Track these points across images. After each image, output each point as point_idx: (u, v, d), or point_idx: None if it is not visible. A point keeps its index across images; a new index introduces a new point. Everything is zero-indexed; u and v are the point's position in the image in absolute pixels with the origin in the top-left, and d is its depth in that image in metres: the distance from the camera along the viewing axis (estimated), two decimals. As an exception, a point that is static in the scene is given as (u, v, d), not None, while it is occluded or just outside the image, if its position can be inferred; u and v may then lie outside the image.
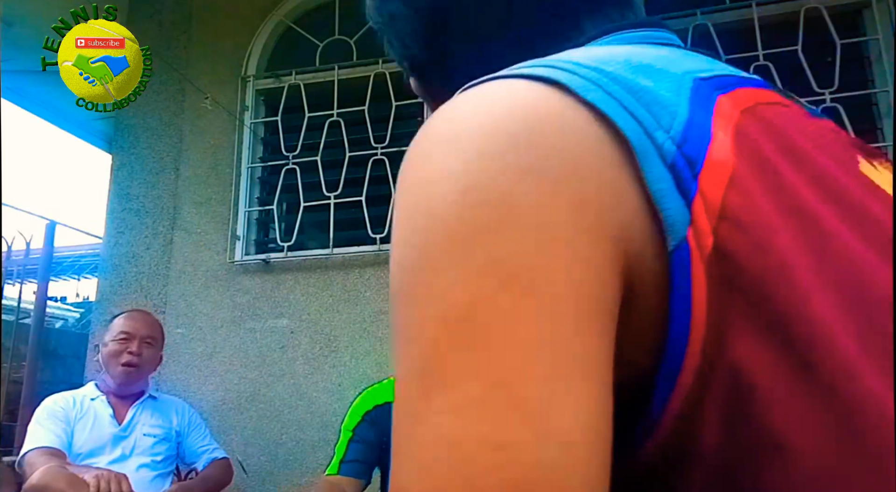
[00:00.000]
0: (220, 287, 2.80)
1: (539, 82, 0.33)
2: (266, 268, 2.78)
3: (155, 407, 2.25)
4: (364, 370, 2.49)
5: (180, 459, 2.27)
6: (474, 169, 0.30)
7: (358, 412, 1.88)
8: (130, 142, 3.09)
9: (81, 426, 2.10)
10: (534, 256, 0.29)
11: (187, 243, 2.89)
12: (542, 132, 0.31)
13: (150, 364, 2.27)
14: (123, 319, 2.25)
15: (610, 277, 0.30)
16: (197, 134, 3.01)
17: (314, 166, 2.80)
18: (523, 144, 0.31)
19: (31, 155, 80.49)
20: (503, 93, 0.33)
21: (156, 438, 2.18)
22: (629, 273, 0.30)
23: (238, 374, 2.70)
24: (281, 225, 2.82)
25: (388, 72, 2.81)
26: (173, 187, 2.98)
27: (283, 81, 2.95)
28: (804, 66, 2.34)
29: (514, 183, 0.30)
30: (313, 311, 2.69)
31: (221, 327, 2.76)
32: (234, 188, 2.87)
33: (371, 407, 1.88)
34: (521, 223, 0.29)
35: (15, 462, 2.04)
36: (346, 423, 1.87)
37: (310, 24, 3.03)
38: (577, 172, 0.30)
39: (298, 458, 2.55)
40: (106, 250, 3.00)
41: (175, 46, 3.11)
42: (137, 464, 2.10)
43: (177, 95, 3.06)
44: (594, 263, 0.29)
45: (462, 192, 0.30)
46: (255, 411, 2.64)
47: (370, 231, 2.66)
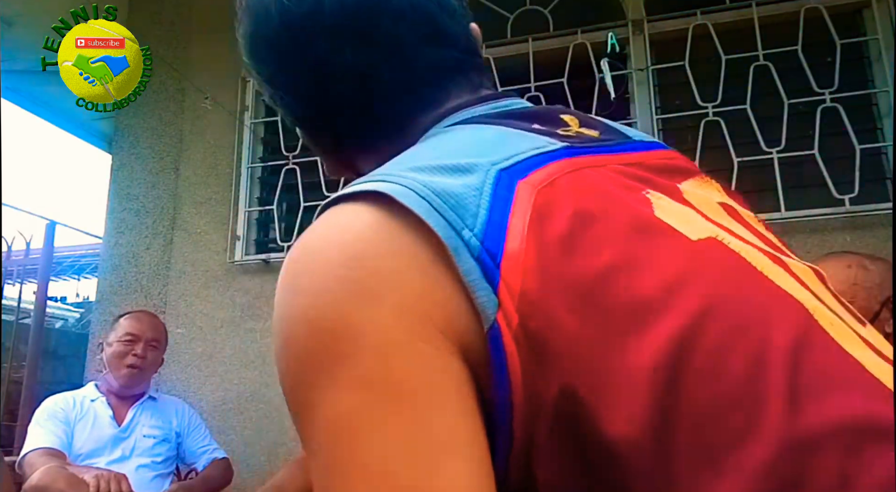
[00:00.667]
0: (220, 287, 2.80)
1: (369, 201, 0.39)
2: (266, 268, 2.78)
3: (155, 408, 2.25)
4: (364, 370, 2.49)
5: (180, 459, 2.27)
6: (320, 303, 0.37)
7: None
8: (130, 142, 3.09)
9: (81, 427, 2.10)
10: (383, 367, 0.35)
11: (187, 243, 2.89)
12: (370, 256, 0.38)
13: (153, 366, 2.27)
14: (129, 321, 2.25)
15: (450, 363, 0.36)
16: (197, 134, 3.01)
17: (314, 166, 2.80)
18: (355, 274, 0.37)
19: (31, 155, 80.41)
20: (343, 224, 0.40)
21: (155, 438, 2.18)
22: (465, 354, 0.36)
23: (238, 374, 2.69)
24: (281, 225, 2.82)
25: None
26: (173, 187, 2.98)
27: (283, 81, 2.94)
28: (804, 66, 2.34)
29: (353, 310, 0.36)
30: (313, 311, 2.68)
31: (221, 327, 2.76)
32: (234, 188, 2.87)
33: None
34: (364, 343, 0.36)
35: (15, 463, 2.04)
36: None
37: (310, 24, 3.02)
38: (401, 287, 0.37)
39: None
40: (106, 250, 3.00)
41: (175, 46, 3.11)
42: (137, 465, 2.10)
43: (177, 95, 3.06)
44: (433, 358, 0.36)
45: (316, 327, 0.37)
46: (255, 411, 2.64)
47: (370, 231, 2.65)
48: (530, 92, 2.58)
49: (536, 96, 2.56)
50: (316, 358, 0.36)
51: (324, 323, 0.37)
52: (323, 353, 0.36)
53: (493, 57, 2.56)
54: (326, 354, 0.36)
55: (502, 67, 2.56)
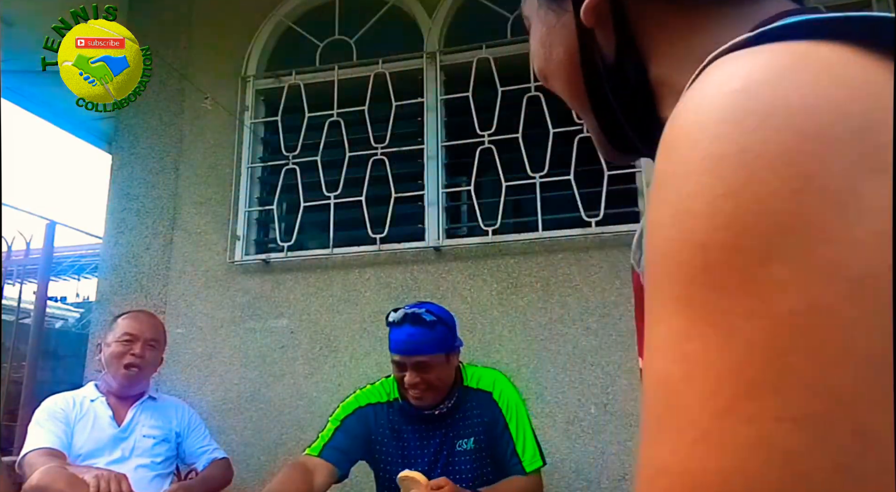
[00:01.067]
0: (220, 287, 2.80)
1: (835, 41, 0.30)
2: (266, 268, 2.78)
3: (154, 408, 2.25)
4: (363, 370, 2.49)
5: (180, 459, 2.27)
6: (818, 156, 0.27)
7: (349, 407, 1.91)
8: (130, 142, 3.09)
9: (81, 427, 2.10)
10: (876, 263, 0.26)
11: (187, 243, 2.89)
12: (877, 118, 0.28)
13: (152, 366, 2.26)
14: (127, 320, 2.24)
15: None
16: (197, 134, 3.01)
17: (314, 166, 2.80)
18: (865, 134, 0.28)
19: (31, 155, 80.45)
20: (824, 66, 0.30)
21: (155, 439, 2.18)
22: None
23: (238, 374, 2.69)
24: (281, 225, 2.82)
25: (388, 72, 2.81)
26: (173, 187, 2.98)
27: (283, 81, 2.95)
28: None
29: (860, 180, 0.27)
30: (313, 311, 2.69)
31: (221, 327, 2.76)
32: (234, 188, 2.87)
33: (364, 404, 1.91)
34: (865, 226, 0.26)
35: (15, 463, 2.04)
36: (336, 414, 1.90)
37: (310, 24, 3.03)
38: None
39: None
40: (106, 250, 3.00)
41: (175, 46, 3.11)
42: (137, 465, 2.10)
43: (177, 95, 3.06)
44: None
45: (803, 180, 0.27)
46: (255, 411, 2.64)
47: (370, 231, 2.66)
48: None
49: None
50: (788, 222, 0.27)
51: (818, 184, 0.27)
52: (804, 219, 0.27)
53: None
54: (809, 222, 0.27)
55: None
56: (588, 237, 2.50)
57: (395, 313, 1.78)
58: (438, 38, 2.83)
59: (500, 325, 2.50)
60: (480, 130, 2.65)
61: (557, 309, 2.47)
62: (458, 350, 1.87)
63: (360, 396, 1.94)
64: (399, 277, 2.64)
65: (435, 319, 1.75)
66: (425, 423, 1.87)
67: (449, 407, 1.85)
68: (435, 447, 1.86)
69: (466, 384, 1.90)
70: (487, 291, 2.54)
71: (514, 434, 1.83)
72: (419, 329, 1.74)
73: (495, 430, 1.85)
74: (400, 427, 1.88)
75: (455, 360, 1.85)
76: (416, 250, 2.64)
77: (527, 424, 1.86)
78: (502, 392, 1.88)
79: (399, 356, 1.77)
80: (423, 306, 1.80)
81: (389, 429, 1.88)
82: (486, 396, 1.88)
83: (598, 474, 2.31)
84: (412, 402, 1.83)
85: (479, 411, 1.87)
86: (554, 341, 2.44)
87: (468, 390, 1.89)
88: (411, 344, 1.74)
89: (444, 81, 2.80)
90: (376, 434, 1.88)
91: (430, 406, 1.84)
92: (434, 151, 2.70)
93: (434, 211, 2.64)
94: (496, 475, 1.84)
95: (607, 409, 2.36)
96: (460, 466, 1.84)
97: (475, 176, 2.63)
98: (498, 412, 1.86)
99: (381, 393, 1.93)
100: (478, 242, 2.59)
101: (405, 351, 1.76)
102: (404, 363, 1.77)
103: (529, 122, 2.60)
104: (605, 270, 2.46)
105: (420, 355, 1.75)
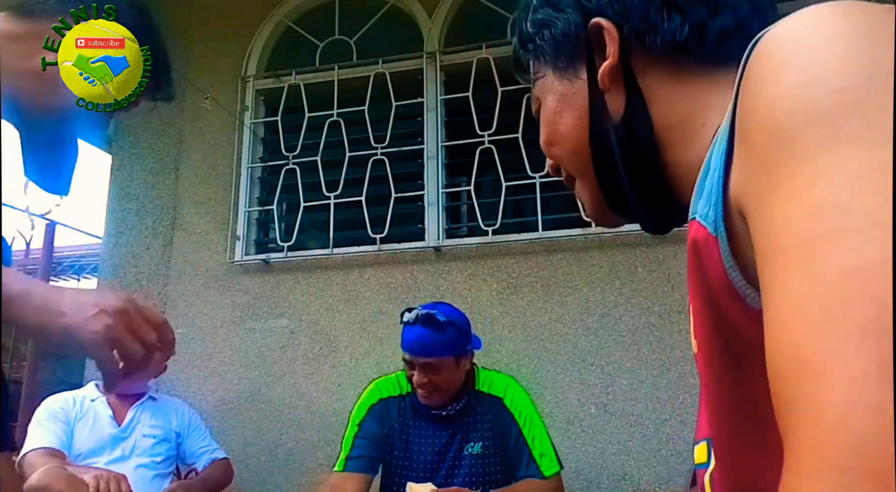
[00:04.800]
0: (220, 287, 2.80)
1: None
2: (266, 268, 2.78)
3: (154, 408, 2.25)
4: (364, 370, 2.49)
5: (180, 459, 2.27)
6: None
7: (364, 406, 1.91)
8: (130, 142, 3.09)
9: (81, 427, 2.10)
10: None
11: (187, 243, 2.89)
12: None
13: (154, 367, 2.26)
14: None
15: None
16: (197, 134, 3.01)
17: (314, 166, 2.80)
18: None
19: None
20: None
21: (155, 438, 2.18)
22: None
23: (238, 374, 2.69)
24: (281, 225, 2.82)
25: (388, 72, 2.81)
26: (173, 187, 2.98)
27: (283, 81, 2.95)
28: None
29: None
30: (313, 311, 2.69)
31: (221, 327, 2.76)
32: (234, 188, 2.87)
33: (376, 401, 1.91)
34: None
35: (15, 463, 2.04)
36: (354, 415, 1.91)
37: (310, 24, 3.03)
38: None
39: (298, 458, 2.55)
40: (106, 250, 3.00)
41: (175, 46, 3.10)
42: (136, 464, 2.10)
43: (177, 95, 3.06)
44: None
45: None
46: (255, 411, 2.64)
47: (370, 231, 2.66)
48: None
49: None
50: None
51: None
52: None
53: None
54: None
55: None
56: (588, 237, 2.50)
57: (410, 313, 1.77)
58: (438, 38, 2.83)
59: (500, 325, 2.49)
60: (480, 130, 2.65)
61: (557, 309, 2.47)
62: (471, 353, 1.86)
63: (374, 390, 1.94)
64: (399, 277, 2.64)
65: (447, 322, 1.74)
66: (433, 421, 1.87)
67: (458, 409, 1.85)
68: (440, 447, 1.85)
69: (478, 388, 1.89)
70: (487, 292, 2.54)
71: (528, 440, 1.82)
72: (430, 331, 1.73)
73: (507, 436, 1.84)
74: (409, 422, 1.89)
75: (466, 363, 1.84)
76: (415, 250, 2.64)
77: (542, 429, 1.85)
78: (514, 398, 1.87)
79: (409, 356, 1.78)
80: (439, 307, 1.80)
81: (400, 423, 1.89)
82: (496, 401, 1.87)
83: (598, 475, 2.31)
84: (420, 400, 1.84)
85: (489, 416, 1.86)
86: (554, 341, 2.44)
87: (479, 394, 1.89)
88: (421, 345, 1.74)
89: (443, 81, 2.81)
90: (389, 430, 1.89)
91: (437, 406, 1.84)
92: (434, 151, 2.70)
93: (434, 211, 2.64)
94: (504, 482, 1.82)
95: (607, 409, 2.36)
96: (466, 469, 1.83)
97: (475, 176, 2.63)
98: (510, 419, 1.85)
99: (396, 386, 1.93)
100: (478, 242, 2.59)
101: (414, 351, 1.76)
102: (413, 363, 1.78)
103: (529, 122, 2.60)
104: (605, 270, 2.46)
105: (428, 357, 1.75)
